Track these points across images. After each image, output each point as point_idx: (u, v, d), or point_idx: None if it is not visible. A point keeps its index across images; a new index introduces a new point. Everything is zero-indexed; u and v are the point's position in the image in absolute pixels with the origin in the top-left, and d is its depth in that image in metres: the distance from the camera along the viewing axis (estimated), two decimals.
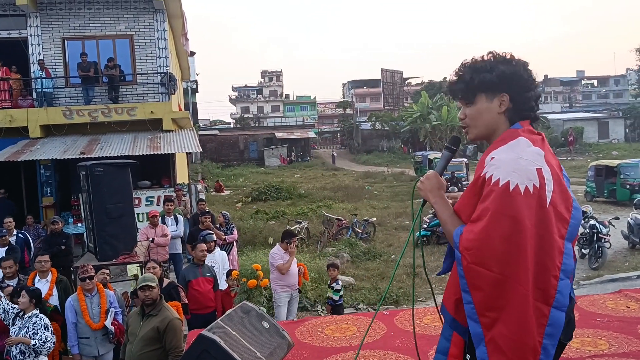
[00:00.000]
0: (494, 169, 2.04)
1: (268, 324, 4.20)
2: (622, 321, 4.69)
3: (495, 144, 2.18)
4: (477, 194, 2.10)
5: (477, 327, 2.04)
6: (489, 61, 2.20)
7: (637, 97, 70.67)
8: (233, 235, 11.08)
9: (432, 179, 2.28)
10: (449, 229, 2.17)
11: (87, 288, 6.37)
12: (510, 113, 2.20)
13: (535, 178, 2.03)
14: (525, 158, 2.06)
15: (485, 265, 1.99)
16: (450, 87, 2.31)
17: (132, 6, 16.16)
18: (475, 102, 2.22)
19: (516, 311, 1.98)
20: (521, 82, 2.18)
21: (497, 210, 1.98)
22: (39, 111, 15.06)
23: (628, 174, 20.80)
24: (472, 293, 2.04)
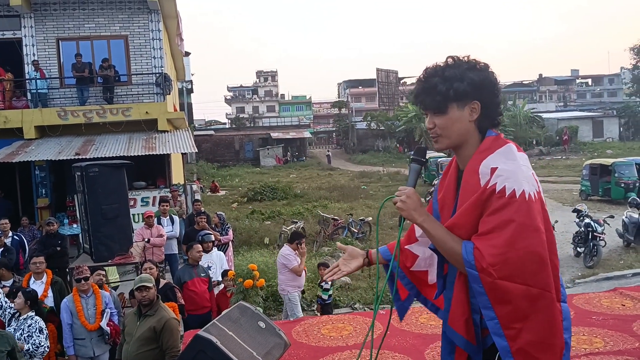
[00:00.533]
0: (503, 179, 1.99)
1: (264, 324, 4.20)
2: (617, 319, 4.71)
3: (481, 153, 2.11)
4: (479, 208, 2.03)
5: (502, 340, 1.99)
6: (457, 69, 2.13)
7: (631, 96, 70.96)
8: (228, 235, 11.09)
9: (413, 197, 2.14)
10: (451, 246, 2.06)
11: (82, 289, 6.36)
12: (480, 120, 2.16)
13: (535, 183, 2.04)
14: (523, 165, 2.05)
15: (513, 279, 1.93)
16: (421, 98, 2.21)
17: (126, 7, 16.13)
18: (447, 112, 2.15)
19: (544, 316, 1.97)
20: (490, 88, 2.15)
21: (522, 222, 1.94)
22: (33, 112, 15.01)
23: (622, 173, 20.87)
24: (496, 308, 1.97)
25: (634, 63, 71.10)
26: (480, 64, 2.16)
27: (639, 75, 69.93)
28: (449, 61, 2.17)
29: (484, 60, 2.20)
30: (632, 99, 66.73)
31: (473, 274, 1.99)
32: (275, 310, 9.73)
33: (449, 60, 2.17)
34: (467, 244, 2.02)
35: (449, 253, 2.08)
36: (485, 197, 2.01)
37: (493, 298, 1.97)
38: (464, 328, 2.14)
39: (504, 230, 1.95)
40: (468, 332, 2.14)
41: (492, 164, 2.04)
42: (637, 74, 70.53)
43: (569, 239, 13.82)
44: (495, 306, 1.97)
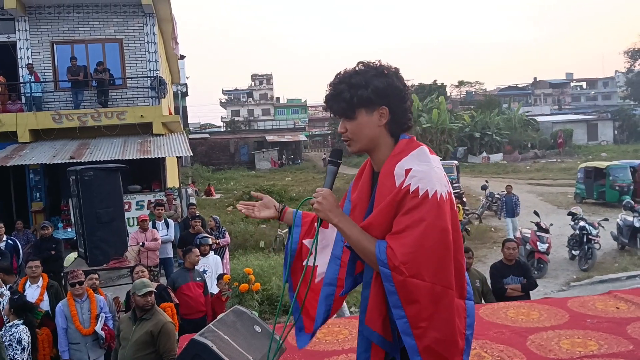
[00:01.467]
0: (417, 180, 2.03)
1: (260, 328, 4.19)
2: (611, 322, 4.72)
3: (395, 156, 2.16)
4: (394, 208, 2.06)
5: (410, 340, 2.03)
6: (363, 76, 2.17)
7: (626, 99, 71.25)
8: (226, 238, 11.08)
9: (329, 198, 2.18)
10: (365, 246, 2.10)
11: (77, 293, 6.34)
12: (391, 124, 2.20)
13: (446, 184, 2.09)
14: (436, 166, 2.11)
15: (420, 277, 1.98)
16: (330, 104, 2.26)
17: (121, 10, 16.12)
18: (355, 117, 2.20)
19: (446, 313, 2.02)
20: (396, 93, 2.18)
21: (431, 221, 1.99)
22: (27, 116, 14.97)
23: (617, 176, 20.96)
24: (406, 307, 2.01)
25: (628, 66, 71.52)
26: (388, 70, 2.20)
27: (633, 78, 70.30)
28: (357, 67, 2.22)
29: (394, 65, 2.24)
30: (626, 102, 67.01)
31: (385, 272, 2.02)
32: (270, 315, 9.71)
33: (358, 67, 2.22)
34: (381, 243, 2.06)
35: (364, 252, 2.12)
36: (400, 198, 2.05)
37: (403, 297, 2.01)
38: (381, 326, 2.17)
39: (415, 229, 2.00)
40: (385, 330, 2.18)
41: (406, 165, 2.09)
42: (631, 77, 70.89)
43: (564, 242, 13.86)
44: (405, 305, 2.02)
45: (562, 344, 4.30)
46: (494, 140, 45.04)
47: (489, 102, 58.63)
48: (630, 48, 70.33)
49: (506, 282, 6.87)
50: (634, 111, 54.20)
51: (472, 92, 78.82)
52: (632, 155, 35.81)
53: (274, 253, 14.21)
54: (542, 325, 4.77)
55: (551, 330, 4.60)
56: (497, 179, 31.10)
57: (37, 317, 6.31)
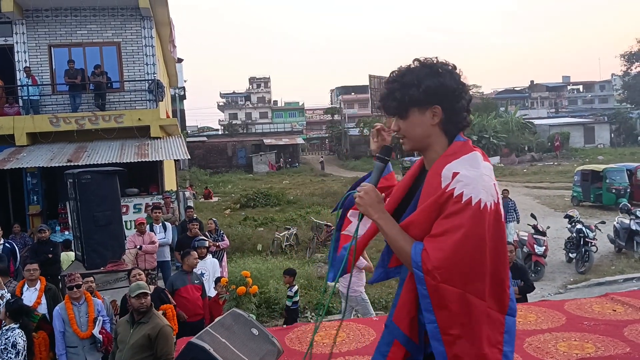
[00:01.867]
0: (462, 185, 2.01)
1: (257, 330, 4.19)
2: (608, 324, 4.73)
3: (447, 157, 2.14)
4: (436, 210, 2.05)
5: (439, 345, 2.01)
6: (416, 74, 2.15)
7: (622, 103, 71.42)
8: (225, 241, 11.08)
9: (371, 193, 2.18)
10: (402, 245, 2.09)
11: (74, 297, 6.33)
12: (445, 124, 2.19)
13: (494, 194, 2.06)
14: (486, 174, 2.07)
15: (452, 283, 1.97)
16: (383, 104, 2.27)
17: (119, 13, 16.13)
18: (408, 116, 2.19)
19: (478, 326, 2.00)
20: (449, 93, 2.15)
21: (471, 229, 1.97)
22: (25, 119, 14.96)
23: (614, 179, 20.99)
24: (437, 312, 2.00)
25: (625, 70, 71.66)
26: (443, 68, 2.17)
27: (629, 81, 70.42)
28: (412, 65, 2.20)
29: (448, 62, 2.21)
30: (623, 106, 67.18)
31: (419, 275, 2.01)
32: (268, 317, 9.72)
33: (413, 64, 2.20)
34: (417, 245, 2.05)
35: (400, 251, 2.11)
36: (443, 200, 2.03)
37: (435, 302, 1.99)
38: (408, 326, 2.16)
39: (453, 234, 1.98)
40: (412, 330, 2.16)
41: (454, 168, 2.06)
42: (627, 81, 71.00)
43: (561, 244, 13.89)
44: (436, 310, 2.00)
45: (559, 346, 4.31)
46: (492, 143, 45.08)
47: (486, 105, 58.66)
48: (627, 51, 70.51)
49: None
50: (630, 114, 54.37)
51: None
52: (629, 158, 35.89)
53: (271, 256, 14.21)
54: (539, 327, 4.78)
55: (548, 333, 4.61)
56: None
57: (34, 321, 6.30)
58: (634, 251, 13.28)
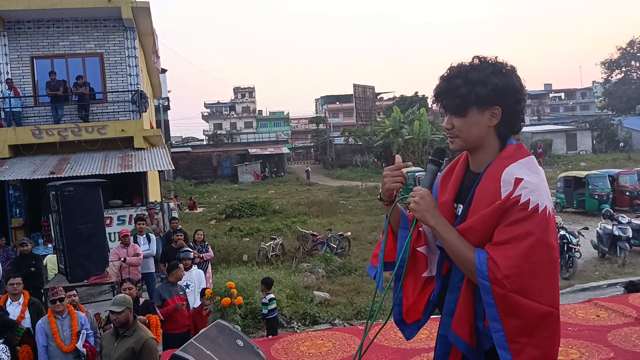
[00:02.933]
0: (528, 192, 1.96)
1: (243, 342, 4.17)
2: (592, 330, 4.77)
3: (503, 160, 2.08)
4: (497, 217, 1.99)
5: (506, 354, 1.97)
6: (481, 72, 2.07)
7: (604, 110, 72.38)
8: (209, 253, 11.02)
9: (427, 198, 2.11)
10: (462, 252, 2.03)
11: (57, 310, 6.25)
12: (500, 126, 2.12)
13: (551, 199, 2.04)
14: (544, 179, 2.04)
15: (526, 294, 1.92)
16: (442, 98, 2.17)
17: (101, 24, 16.07)
18: (466, 114, 2.11)
19: (549, 333, 1.97)
20: (514, 94, 2.10)
21: (540, 237, 1.93)
22: (7, 131, 14.82)
23: (596, 185, 21.21)
24: (504, 321, 1.95)
25: (605, 77, 72.79)
26: (506, 68, 2.11)
27: (610, 89, 71.53)
28: (474, 62, 2.12)
29: (509, 63, 2.15)
30: (604, 112, 68.06)
31: (485, 285, 1.95)
32: (254, 328, 9.66)
33: (475, 61, 2.12)
34: (481, 253, 1.99)
35: (460, 259, 2.05)
36: (507, 207, 1.97)
37: (502, 311, 1.95)
38: (468, 334, 2.10)
39: (521, 242, 1.93)
40: (471, 338, 2.11)
41: (516, 173, 2.01)
42: (608, 88, 72.13)
43: None
44: (503, 319, 1.95)
45: None
46: None
47: None
48: (607, 59, 71.73)
49: None
50: (611, 121, 55.01)
51: None
52: (611, 164, 36.33)
53: (257, 266, 14.15)
54: None
55: None
56: None
57: (18, 335, 6.22)
58: (617, 256, 13.41)
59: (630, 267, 12.87)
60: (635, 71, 70.71)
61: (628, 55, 70.00)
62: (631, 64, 70.57)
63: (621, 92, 68.66)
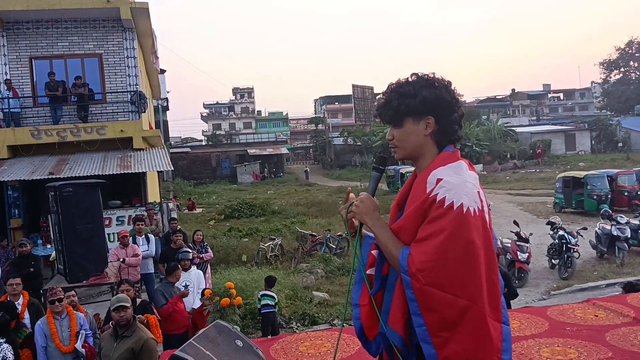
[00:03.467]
0: (445, 191, 2.08)
1: (242, 342, 4.18)
2: (590, 330, 4.78)
3: (434, 164, 2.22)
4: (421, 215, 2.11)
5: (430, 348, 2.05)
6: (413, 86, 2.25)
7: (602, 110, 72.50)
8: (209, 253, 11.02)
9: (366, 202, 2.28)
10: (391, 250, 2.15)
11: (56, 311, 6.25)
12: (437, 135, 2.27)
13: (478, 201, 2.11)
14: (469, 181, 2.14)
15: (440, 287, 2.00)
16: (379, 111, 2.36)
17: (100, 25, 16.07)
18: (402, 125, 2.28)
19: (472, 330, 2.02)
20: (444, 105, 2.24)
21: (453, 232, 2.02)
22: (6, 132, 14.81)
23: (595, 185, 21.22)
24: (425, 315, 2.04)
25: (604, 77, 72.92)
26: (438, 82, 2.26)
27: (609, 89, 71.67)
28: (409, 78, 2.30)
29: (444, 78, 2.30)
30: (603, 113, 68.17)
31: (406, 279, 2.07)
32: (253, 329, 9.66)
33: (410, 77, 2.30)
34: (405, 250, 2.11)
35: (390, 256, 2.18)
36: (427, 206, 2.10)
37: (422, 304, 2.04)
38: (402, 329, 2.18)
39: (435, 238, 2.03)
40: (406, 333, 2.19)
41: (439, 174, 2.14)
42: (607, 88, 72.27)
43: (543, 251, 13.99)
44: (424, 313, 2.04)
45: (542, 352, 4.34)
46: (474, 151, 45.40)
47: (468, 113, 59.06)
48: (606, 59, 71.86)
49: None
50: (610, 121, 55.07)
51: None
52: (610, 164, 36.35)
53: (256, 267, 14.16)
54: (523, 334, 4.81)
55: (531, 339, 4.65)
56: None
57: (21, 337, 6.23)
58: (615, 256, 13.42)
59: (629, 267, 12.87)
60: (634, 71, 70.86)
61: (626, 56, 70.15)
62: (630, 65, 70.73)
63: (620, 92, 68.80)
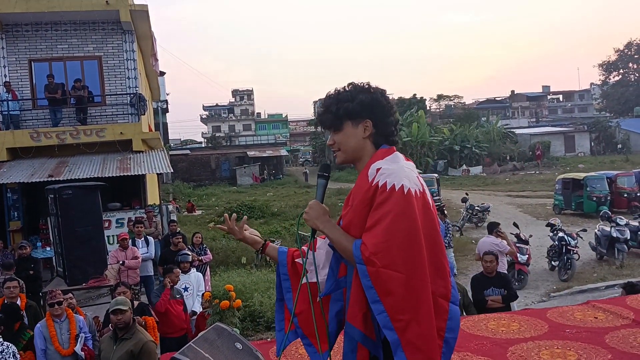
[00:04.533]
0: (385, 177, 2.16)
1: (241, 345, 4.17)
2: (590, 332, 4.77)
3: (372, 160, 2.30)
4: (368, 205, 2.18)
5: (393, 334, 2.07)
6: (350, 92, 2.35)
7: (601, 111, 72.58)
8: (208, 255, 11.00)
9: (315, 207, 2.36)
10: (345, 245, 2.22)
11: (55, 314, 6.25)
12: (375, 137, 2.35)
13: (419, 184, 2.20)
14: (406, 167, 2.25)
15: (393, 267, 2.05)
16: (320, 118, 2.44)
17: (100, 27, 16.07)
18: (342, 129, 2.36)
19: (426, 308, 2.08)
20: (380, 108, 2.34)
21: (399, 211, 2.09)
22: (5, 134, 14.81)
23: (594, 187, 21.24)
24: (384, 300, 2.07)
25: (603, 79, 73.00)
26: (373, 88, 2.38)
27: (608, 90, 71.74)
28: (347, 87, 2.40)
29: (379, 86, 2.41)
30: (602, 114, 68.26)
31: (361, 269, 2.11)
32: (252, 331, 9.66)
33: (348, 86, 2.40)
34: (357, 242, 2.16)
35: (344, 252, 2.23)
36: (371, 194, 2.18)
37: (379, 289, 2.07)
38: (362, 323, 2.22)
39: (384, 221, 2.10)
40: (366, 327, 2.23)
41: (377, 165, 2.24)
42: (606, 90, 72.35)
43: (543, 252, 13.99)
44: (382, 298, 2.07)
45: (542, 354, 4.34)
46: (474, 153, 45.48)
47: (467, 115, 59.36)
48: (605, 61, 71.96)
49: (487, 294, 6.92)
50: (609, 123, 55.14)
51: (451, 105, 79.68)
52: (609, 166, 36.37)
53: (256, 269, 14.14)
54: (522, 336, 4.81)
55: (531, 341, 4.64)
56: (477, 191, 31.38)
57: (25, 338, 6.23)
58: (615, 258, 13.42)
59: (628, 268, 12.88)
60: (633, 73, 70.92)
61: (625, 57, 70.22)
62: (629, 66, 70.79)
63: (619, 94, 68.85)
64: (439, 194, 25.43)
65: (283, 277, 2.64)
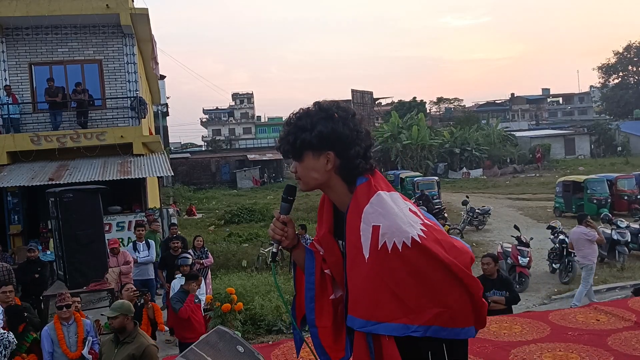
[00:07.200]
0: (390, 237, 2.02)
1: (243, 348, 4.16)
2: (592, 334, 4.77)
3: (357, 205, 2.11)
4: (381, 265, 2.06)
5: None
6: (311, 118, 2.11)
7: (601, 114, 72.60)
8: (209, 259, 10.99)
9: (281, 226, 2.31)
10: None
11: (64, 317, 6.24)
12: (340, 170, 2.14)
13: (416, 222, 2.09)
14: (397, 207, 2.09)
15: None
16: (278, 145, 2.25)
17: (100, 31, 16.09)
18: (303, 159, 2.15)
19: None
20: (342, 139, 2.10)
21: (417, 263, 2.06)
22: (5, 137, 14.82)
23: (594, 189, 21.24)
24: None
25: (603, 82, 73.00)
26: (339, 114, 2.12)
27: (607, 93, 71.74)
28: (310, 108, 2.17)
29: (347, 108, 2.17)
30: (602, 117, 68.25)
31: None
32: (254, 334, 9.64)
33: (311, 108, 2.17)
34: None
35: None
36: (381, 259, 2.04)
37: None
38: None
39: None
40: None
41: (372, 220, 2.06)
42: (606, 92, 72.35)
43: (544, 255, 13.98)
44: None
45: (544, 357, 4.33)
46: (474, 155, 45.47)
47: (467, 118, 59.33)
48: (604, 64, 71.95)
49: (488, 297, 6.90)
50: (609, 125, 55.16)
51: (451, 108, 79.71)
52: (609, 168, 36.40)
53: (256, 272, 14.13)
54: (525, 339, 4.80)
55: (533, 344, 4.64)
56: (478, 194, 31.36)
57: (29, 340, 6.23)
58: (616, 261, 13.41)
59: (629, 271, 12.87)
60: (632, 76, 70.92)
61: (625, 60, 70.22)
62: (628, 69, 70.79)
63: (618, 96, 68.86)
64: (439, 197, 25.42)
65: (308, 285, 2.41)
